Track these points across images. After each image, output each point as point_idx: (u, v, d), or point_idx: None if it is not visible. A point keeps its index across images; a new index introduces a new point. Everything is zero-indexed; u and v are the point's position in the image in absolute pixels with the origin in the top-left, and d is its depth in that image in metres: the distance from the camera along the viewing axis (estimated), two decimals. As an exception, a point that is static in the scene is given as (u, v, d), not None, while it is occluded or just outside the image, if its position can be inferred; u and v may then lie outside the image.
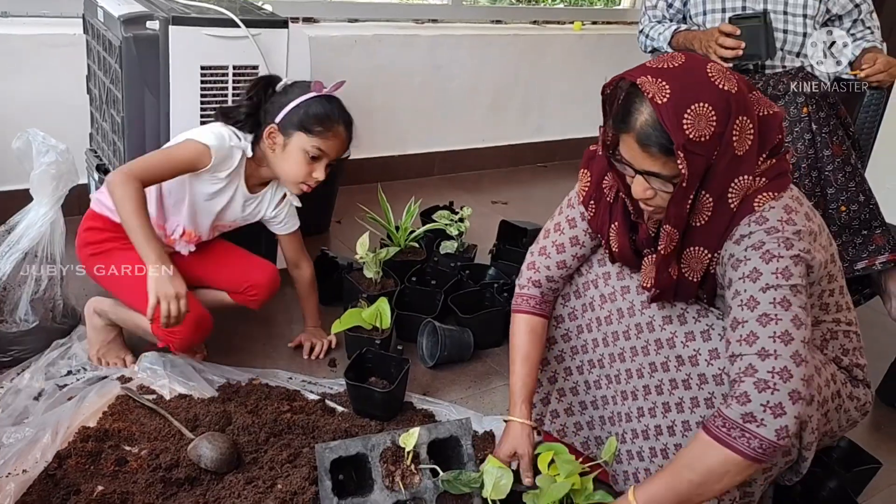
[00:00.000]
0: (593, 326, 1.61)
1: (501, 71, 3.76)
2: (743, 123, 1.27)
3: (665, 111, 1.23)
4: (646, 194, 1.33)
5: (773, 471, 1.41)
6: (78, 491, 1.52)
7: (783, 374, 1.21)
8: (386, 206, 2.58)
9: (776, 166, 1.34)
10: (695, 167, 1.25)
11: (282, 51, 2.18)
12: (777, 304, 1.25)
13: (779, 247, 1.28)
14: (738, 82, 1.29)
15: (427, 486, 1.44)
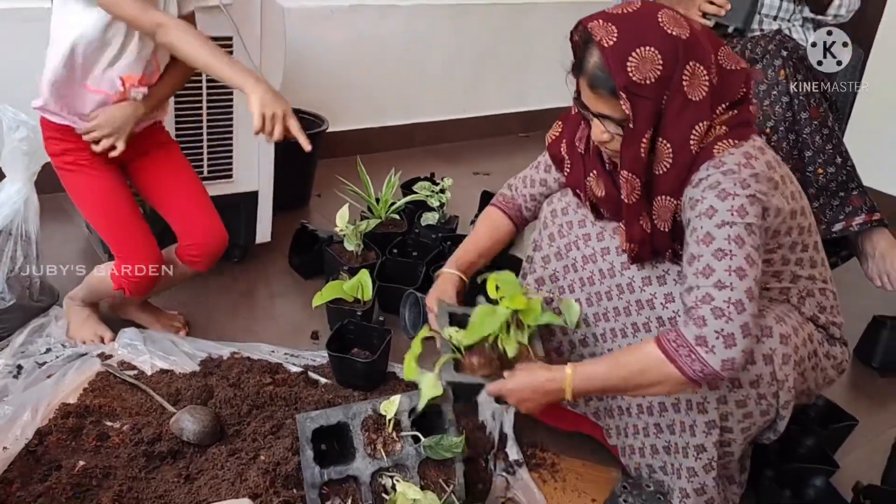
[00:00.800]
0: (576, 287, 1.63)
1: (481, 40, 3.72)
2: (695, 69, 1.29)
3: (610, 54, 1.28)
4: (602, 137, 1.37)
5: (752, 430, 1.43)
6: (59, 466, 1.52)
7: (738, 306, 1.24)
8: (366, 178, 2.56)
9: (738, 116, 1.36)
10: (641, 110, 1.29)
11: (255, 21, 2.15)
12: (732, 240, 1.27)
13: (735, 186, 1.30)
14: (692, 30, 1.31)
15: (409, 452, 1.45)
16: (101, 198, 1.80)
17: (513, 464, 1.70)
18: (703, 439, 1.43)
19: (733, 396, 1.37)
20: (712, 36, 1.36)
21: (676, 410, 1.47)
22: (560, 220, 1.66)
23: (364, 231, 2.31)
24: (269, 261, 2.48)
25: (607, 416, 1.67)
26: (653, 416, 1.53)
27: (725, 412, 1.40)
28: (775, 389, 1.35)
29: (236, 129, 2.23)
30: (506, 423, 1.78)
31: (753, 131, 1.37)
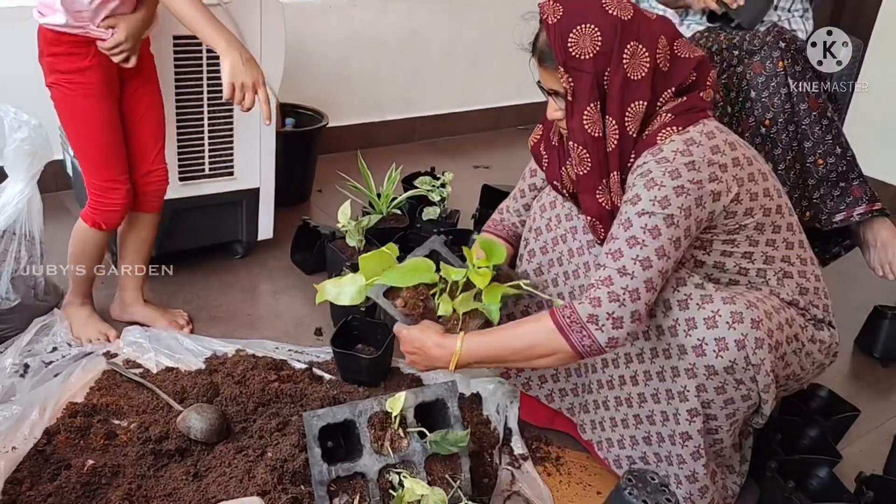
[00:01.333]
0: (559, 280, 1.65)
1: (479, 33, 3.72)
2: (636, 49, 1.36)
3: (553, 30, 1.37)
4: (555, 115, 1.46)
5: (738, 415, 1.44)
6: (69, 465, 1.53)
7: (633, 295, 1.32)
8: (367, 173, 2.56)
9: (687, 103, 1.41)
10: (580, 83, 1.37)
11: (255, 19, 2.15)
12: (647, 230, 1.33)
13: (663, 175, 1.34)
14: (635, 12, 1.38)
15: (415, 448, 1.46)
16: (100, 124, 1.77)
17: (518, 457, 1.72)
18: (687, 427, 1.44)
19: (711, 384, 1.39)
20: (668, 26, 1.42)
21: (656, 401, 1.49)
22: (549, 214, 1.67)
23: (366, 227, 2.32)
24: (272, 257, 2.49)
25: (582, 411, 1.68)
26: (632, 408, 1.54)
27: (706, 399, 1.41)
28: (752, 374, 1.36)
29: (237, 126, 2.24)
30: (510, 418, 1.80)
31: (704, 116, 1.41)
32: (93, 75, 1.71)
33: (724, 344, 1.35)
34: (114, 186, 1.82)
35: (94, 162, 1.80)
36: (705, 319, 1.37)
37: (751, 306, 1.37)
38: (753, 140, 2.06)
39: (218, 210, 2.33)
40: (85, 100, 1.74)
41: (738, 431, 1.53)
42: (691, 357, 1.39)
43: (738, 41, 2.13)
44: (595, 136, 1.39)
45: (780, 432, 1.73)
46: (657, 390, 1.47)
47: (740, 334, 1.34)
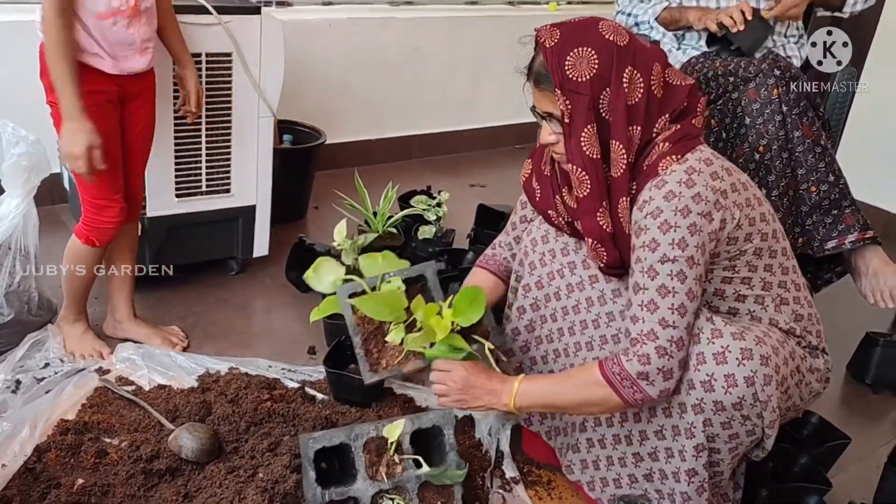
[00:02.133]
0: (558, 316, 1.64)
1: (478, 53, 3.74)
2: (632, 75, 1.38)
3: (550, 53, 1.39)
4: (549, 139, 1.47)
5: (740, 448, 1.44)
6: (58, 484, 1.52)
7: (678, 344, 1.35)
8: (363, 191, 2.57)
9: (681, 131, 1.42)
10: (578, 106, 1.38)
11: (255, 37, 2.16)
12: (674, 276, 1.35)
13: (675, 215, 1.35)
14: (630, 39, 1.40)
15: (409, 475, 1.46)
16: (112, 135, 1.78)
17: (509, 481, 1.71)
18: (694, 463, 1.43)
19: (718, 419, 1.38)
20: (660, 55, 1.44)
21: (660, 437, 1.47)
22: (541, 249, 1.66)
23: (361, 245, 2.32)
24: (267, 274, 2.49)
25: (571, 451, 1.65)
26: (631, 446, 1.52)
27: (712, 434, 1.41)
28: (759, 410, 1.36)
29: (235, 143, 2.24)
30: (502, 441, 1.80)
31: (698, 142, 1.43)
32: (92, 98, 1.71)
33: (734, 380, 1.35)
34: (108, 204, 1.82)
35: (99, 176, 1.79)
36: (714, 355, 1.36)
37: (760, 342, 1.37)
38: (747, 166, 2.08)
39: (214, 226, 2.33)
40: (99, 122, 1.73)
41: (737, 462, 1.53)
42: (699, 392, 1.37)
43: (733, 68, 2.15)
44: (594, 159, 1.40)
45: (771, 460, 1.73)
46: (662, 427, 1.46)
47: (750, 371, 1.34)
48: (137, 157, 1.93)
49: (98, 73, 1.72)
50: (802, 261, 2.11)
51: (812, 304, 1.57)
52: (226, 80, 2.15)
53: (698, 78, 2.21)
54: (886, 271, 2.04)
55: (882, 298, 2.04)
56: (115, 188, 1.83)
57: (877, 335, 2.30)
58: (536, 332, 1.70)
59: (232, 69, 2.14)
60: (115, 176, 1.82)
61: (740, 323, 1.45)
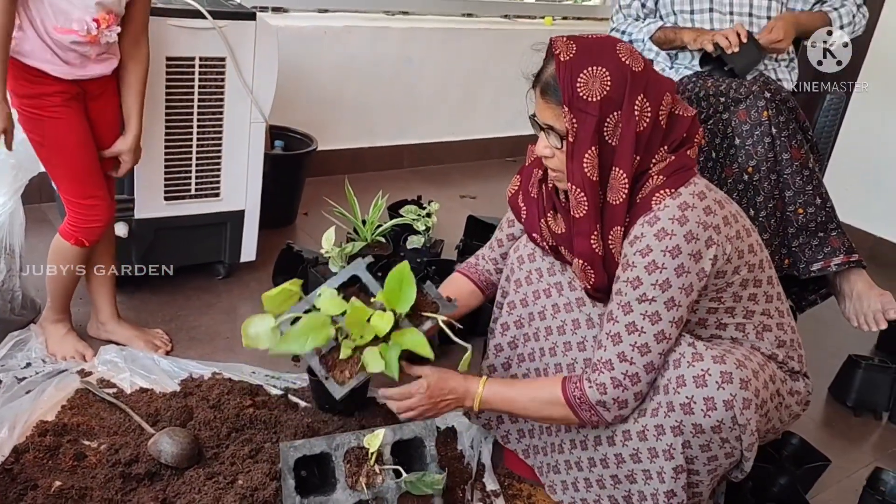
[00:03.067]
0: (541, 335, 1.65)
1: (472, 65, 3.76)
2: (643, 103, 1.37)
3: (564, 67, 1.36)
4: (544, 151, 1.45)
5: (719, 470, 1.45)
6: (35, 486, 1.51)
7: (633, 379, 1.40)
8: (353, 199, 2.57)
9: (677, 162, 1.41)
10: (584, 125, 1.36)
11: (249, 42, 2.16)
12: (647, 316, 1.38)
13: (664, 256, 1.35)
14: (645, 66, 1.38)
15: (389, 486, 1.45)
16: (72, 144, 1.75)
17: (490, 494, 1.71)
18: (673, 484, 1.43)
19: (697, 441, 1.39)
20: (669, 84, 1.43)
21: (636, 460, 1.47)
22: (528, 267, 1.67)
23: (349, 253, 2.32)
24: (254, 279, 2.49)
25: (552, 471, 1.66)
26: (608, 469, 1.53)
27: (691, 456, 1.41)
28: (738, 433, 1.37)
29: (226, 148, 2.24)
30: (484, 454, 1.79)
31: (692, 174, 1.42)
32: (57, 99, 1.70)
33: (713, 403, 1.35)
34: (94, 203, 1.81)
35: (69, 180, 1.79)
36: (694, 378, 1.37)
37: (740, 366, 1.38)
38: (736, 186, 2.10)
39: (202, 230, 2.33)
40: (52, 122, 1.72)
41: (716, 483, 1.53)
42: (678, 414, 1.38)
43: (724, 88, 2.17)
44: (593, 181, 1.39)
45: (751, 479, 1.74)
46: (637, 450, 1.46)
47: (729, 394, 1.34)
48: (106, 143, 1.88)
49: (49, 75, 1.69)
50: (788, 282, 2.14)
51: (795, 330, 1.58)
52: (219, 85, 2.15)
53: (689, 97, 2.23)
54: (870, 295, 2.06)
55: (865, 322, 2.06)
56: (98, 185, 1.81)
57: (859, 358, 2.31)
58: (519, 350, 1.70)
59: (225, 73, 2.14)
60: (93, 172, 1.81)
61: (722, 346, 1.45)
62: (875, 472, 1.85)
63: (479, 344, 1.85)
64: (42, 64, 1.67)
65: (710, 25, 2.34)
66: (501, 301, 1.73)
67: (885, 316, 2.02)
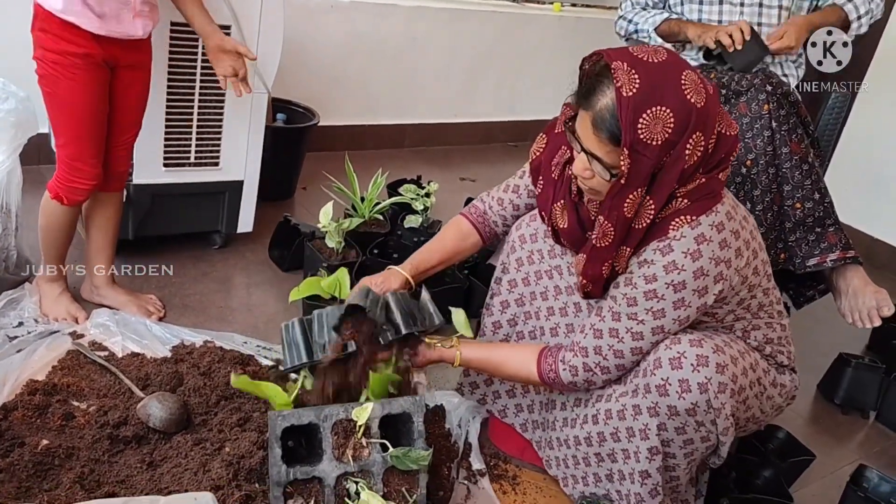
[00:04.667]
0: (542, 314, 1.66)
1: (477, 47, 3.74)
2: (697, 140, 1.28)
3: (626, 105, 1.24)
4: (584, 173, 1.35)
5: (695, 454, 1.46)
6: (22, 443, 1.51)
7: (604, 371, 1.47)
8: (352, 175, 2.57)
9: (706, 186, 1.34)
10: (638, 167, 1.27)
11: (255, 12, 2.15)
12: (631, 332, 1.41)
13: (667, 288, 1.35)
14: (708, 97, 1.28)
15: (376, 459, 1.46)
16: (81, 108, 1.74)
17: (475, 473, 1.72)
18: (647, 465, 1.45)
19: (672, 423, 1.40)
20: (717, 93, 1.34)
21: (616, 440, 1.50)
22: (529, 247, 1.67)
23: (346, 229, 2.32)
24: (249, 251, 2.49)
25: (547, 447, 1.69)
26: (592, 447, 1.55)
27: (666, 438, 1.43)
28: (712, 417, 1.38)
29: (227, 117, 2.23)
30: (471, 433, 1.80)
31: (717, 201, 1.36)
32: (80, 62, 1.69)
33: (688, 386, 1.36)
34: (82, 167, 1.80)
35: (67, 139, 1.78)
36: (670, 360, 1.38)
37: (717, 350, 1.38)
38: (733, 179, 2.09)
39: (200, 199, 2.32)
40: (68, 82, 1.71)
41: (694, 468, 1.55)
42: (654, 396, 1.40)
43: (726, 80, 2.17)
44: (627, 217, 1.33)
45: (735, 470, 1.75)
46: (617, 429, 1.48)
47: (704, 377, 1.35)
48: (124, 130, 1.89)
49: (81, 32, 1.67)
50: (785, 276, 2.14)
51: (785, 328, 1.58)
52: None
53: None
54: (866, 291, 2.06)
55: (860, 318, 2.06)
56: (93, 153, 1.80)
57: (849, 356, 2.32)
58: (519, 328, 1.70)
59: (229, 42, 2.13)
60: (94, 141, 1.80)
61: (703, 332, 1.46)
62: (859, 468, 1.87)
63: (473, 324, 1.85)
64: (74, 17, 1.65)
65: (717, 17, 2.32)
66: (501, 277, 1.73)
67: (879, 313, 2.03)
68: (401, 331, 1.54)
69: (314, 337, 1.55)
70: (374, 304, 1.54)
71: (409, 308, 1.58)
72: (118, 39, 1.73)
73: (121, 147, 1.91)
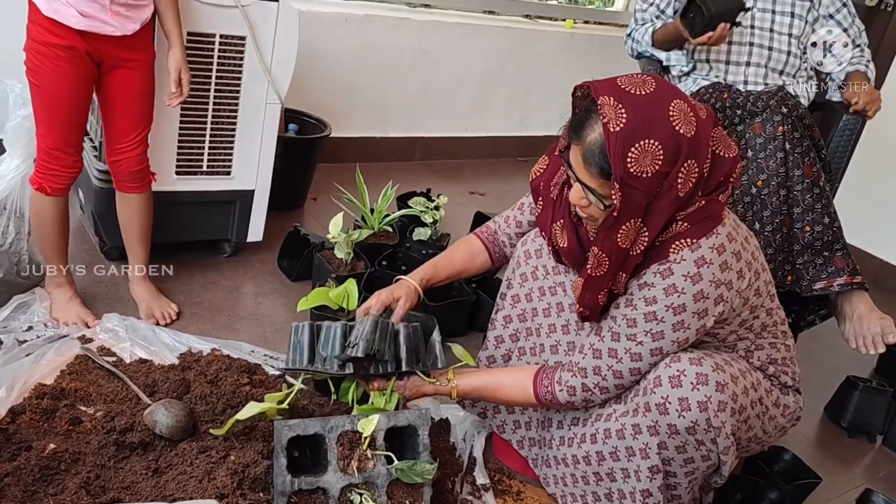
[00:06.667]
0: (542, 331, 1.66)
1: (489, 62, 3.76)
2: (690, 167, 1.28)
3: (614, 140, 1.24)
4: (580, 202, 1.37)
5: (696, 473, 1.46)
6: (29, 447, 1.51)
7: (603, 391, 1.47)
8: (363, 187, 2.58)
9: (706, 209, 1.34)
10: (630, 200, 1.28)
11: (270, 23, 2.17)
12: (630, 353, 1.41)
13: (666, 311, 1.35)
14: (699, 124, 1.28)
15: (380, 471, 1.46)
16: (60, 99, 1.77)
17: (479, 488, 1.72)
18: (648, 484, 1.45)
19: (672, 442, 1.40)
20: (711, 116, 1.35)
21: (615, 459, 1.49)
22: (534, 262, 1.67)
23: (355, 240, 2.33)
24: (258, 260, 2.50)
25: (544, 465, 1.69)
26: (591, 466, 1.55)
27: (667, 457, 1.42)
28: (713, 436, 1.38)
29: (240, 126, 2.25)
30: (476, 447, 1.80)
31: (718, 222, 1.36)
32: (63, 53, 1.73)
33: (687, 404, 1.36)
34: (60, 156, 1.82)
35: (45, 127, 1.81)
36: (670, 378, 1.38)
37: (717, 369, 1.38)
38: (742, 199, 2.10)
39: (211, 207, 2.33)
40: (50, 73, 1.75)
41: (696, 487, 1.54)
42: (654, 415, 1.40)
43: (741, 101, 2.17)
44: (622, 248, 1.33)
45: (740, 492, 1.74)
46: (616, 448, 1.48)
47: (703, 396, 1.35)
48: (127, 130, 1.91)
49: (64, 25, 1.70)
50: (789, 299, 2.14)
51: (790, 349, 1.58)
52: (237, 63, 2.16)
53: (705, 108, 2.23)
54: (871, 318, 2.05)
55: (864, 344, 2.06)
56: (71, 142, 1.82)
57: (857, 379, 2.31)
58: (521, 343, 1.71)
59: (244, 53, 2.15)
60: (73, 131, 1.82)
61: (703, 350, 1.46)
62: (865, 493, 1.86)
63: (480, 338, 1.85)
64: (53, 13, 1.69)
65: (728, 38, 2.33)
66: (505, 292, 1.74)
67: (883, 340, 2.02)
68: (402, 366, 1.58)
69: (319, 347, 1.58)
70: (383, 335, 1.55)
71: (417, 345, 1.60)
72: (102, 35, 1.75)
73: (127, 148, 1.93)
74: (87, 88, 1.82)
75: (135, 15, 1.79)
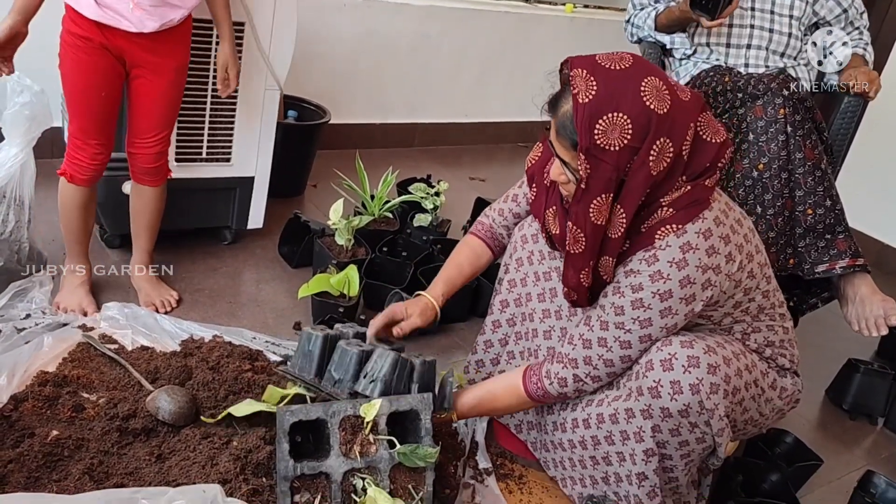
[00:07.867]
0: (536, 316, 1.66)
1: (489, 47, 3.74)
2: (663, 145, 1.28)
3: (581, 111, 1.26)
4: (560, 178, 1.39)
5: (692, 455, 1.46)
6: (32, 434, 1.52)
7: (595, 380, 1.47)
8: (363, 173, 2.58)
9: (691, 193, 1.34)
10: (598, 172, 1.29)
11: (269, 9, 2.16)
12: (619, 341, 1.41)
13: (653, 298, 1.35)
14: (675, 103, 1.28)
15: (383, 456, 1.46)
16: (87, 89, 1.80)
17: (482, 472, 1.72)
18: (644, 467, 1.46)
19: (666, 425, 1.41)
20: (697, 100, 1.34)
21: (610, 443, 1.50)
22: (530, 247, 1.67)
23: (356, 227, 2.33)
24: (259, 247, 2.50)
25: (543, 449, 1.69)
26: (587, 450, 1.55)
27: (662, 440, 1.43)
28: (706, 418, 1.38)
29: (240, 113, 2.24)
30: (478, 432, 1.81)
31: (704, 207, 1.35)
32: (80, 43, 1.76)
33: (679, 387, 1.36)
34: (83, 145, 1.84)
35: (71, 116, 1.84)
36: (661, 361, 1.38)
37: (709, 351, 1.38)
38: (744, 182, 2.09)
39: (211, 194, 2.33)
40: (70, 61, 1.78)
41: (693, 470, 1.54)
42: (647, 398, 1.40)
43: (742, 84, 2.16)
44: (597, 224, 1.34)
45: (741, 474, 1.75)
46: (610, 433, 1.49)
47: (695, 378, 1.35)
48: (141, 132, 1.92)
49: (81, 15, 1.72)
50: (791, 282, 2.13)
51: (788, 331, 1.58)
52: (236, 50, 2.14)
53: (707, 92, 2.22)
54: (874, 300, 2.05)
55: (867, 326, 2.05)
56: (90, 133, 1.84)
57: (858, 362, 2.32)
58: (516, 328, 1.71)
59: (243, 39, 2.14)
60: (95, 122, 1.83)
61: (695, 332, 1.46)
62: (867, 474, 1.86)
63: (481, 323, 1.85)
64: (75, 3, 1.72)
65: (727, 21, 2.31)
66: (502, 277, 1.74)
67: (886, 322, 2.02)
68: None
69: (331, 366, 1.55)
70: (400, 375, 1.53)
71: (430, 384, 1.58)
72: (121, 31, 1.75)
73: (144, 145, 1.93)
74: (107, 82, 1.81)
75: (158, 13, 1.76)
